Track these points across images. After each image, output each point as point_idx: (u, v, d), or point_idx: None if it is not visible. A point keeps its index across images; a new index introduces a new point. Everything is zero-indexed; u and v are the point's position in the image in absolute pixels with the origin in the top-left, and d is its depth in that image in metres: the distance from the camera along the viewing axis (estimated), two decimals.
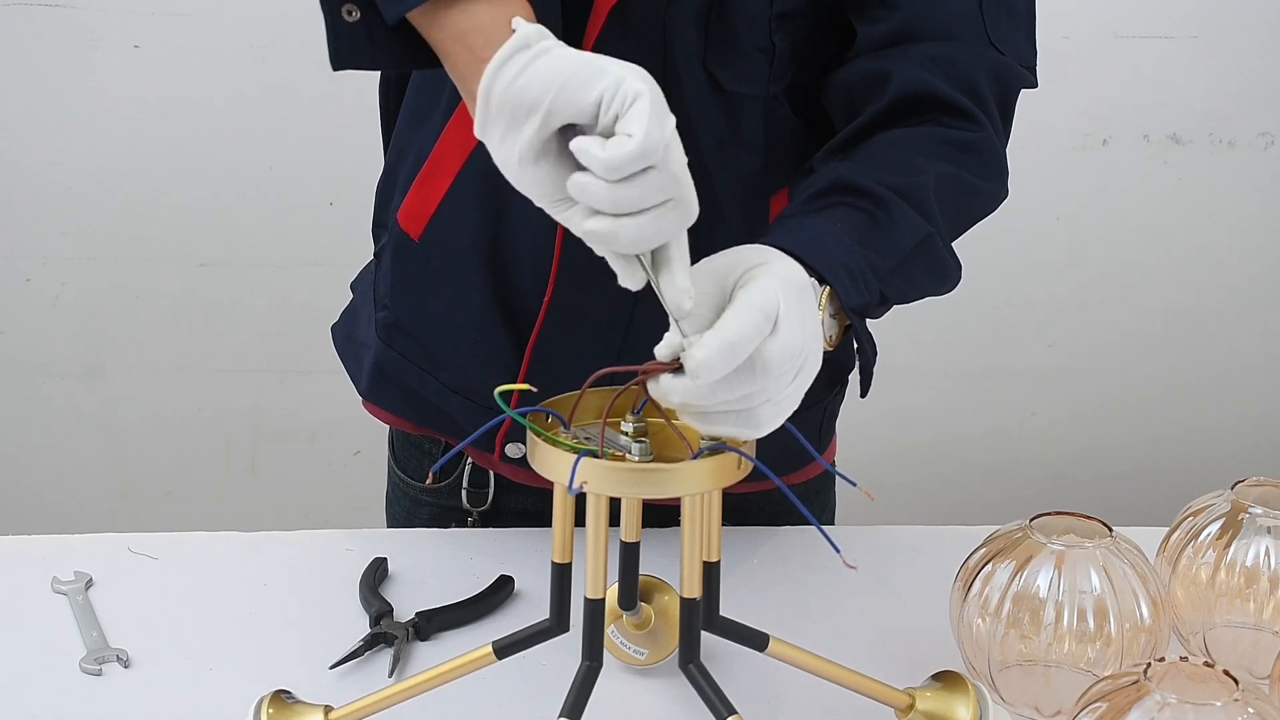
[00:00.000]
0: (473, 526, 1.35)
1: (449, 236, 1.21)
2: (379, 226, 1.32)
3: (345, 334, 1.39)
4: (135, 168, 2.40)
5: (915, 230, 1.05)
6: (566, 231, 1.16)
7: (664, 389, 0.86)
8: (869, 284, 1.01)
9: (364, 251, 1.35)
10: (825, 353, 0.94)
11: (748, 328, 0.85)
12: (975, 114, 1.12)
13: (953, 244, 1.10)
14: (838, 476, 0.96)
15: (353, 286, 1.40)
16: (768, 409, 0.88)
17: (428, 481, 0.92)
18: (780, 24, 1.13)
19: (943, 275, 1.10)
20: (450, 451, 1.20)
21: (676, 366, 0.86)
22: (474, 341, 1.23)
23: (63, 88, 2.37)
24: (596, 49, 1.07)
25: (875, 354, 1.05)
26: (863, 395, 1.08)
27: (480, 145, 0.92)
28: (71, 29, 2.34)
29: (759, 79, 1.15)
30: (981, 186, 1.13)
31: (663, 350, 0.86)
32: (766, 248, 0.93)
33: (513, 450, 1.27)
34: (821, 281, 0.97)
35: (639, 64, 0.92)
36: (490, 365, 1.22)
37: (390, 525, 1.43)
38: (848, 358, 1.34)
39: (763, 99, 1.16)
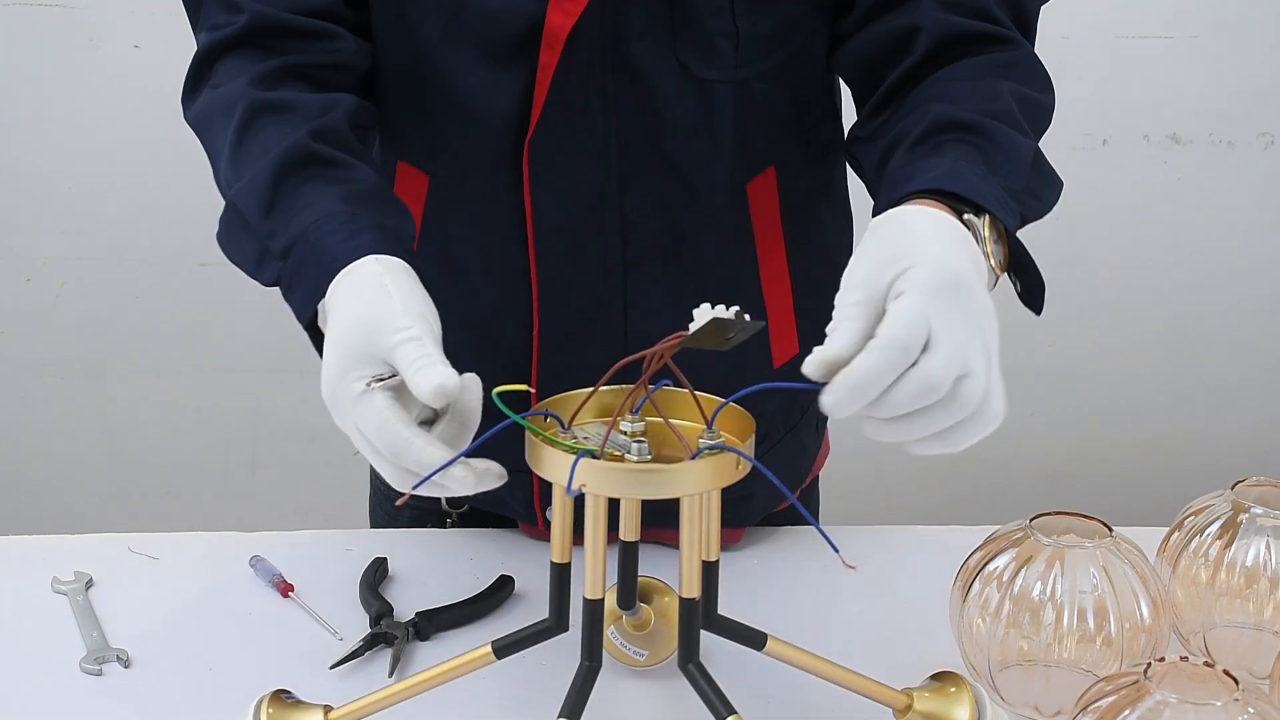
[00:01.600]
0: (451, 527, 1.35)
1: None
2: None
3: None
4: (135, 168, 2.40)
5: (1024, 148, 1.05)
6: (541, 273, 1.18)
7: (823, 401, 0.86)
8: (1011, 206, 1.01)
9: None
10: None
11: (880, 367, 0.84)
12: (1005, 35, 1.12)
13: None
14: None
15: None
16: (971, 424, 0.89)
17: (398, 503, 0.95)
18: (748, 7, 1.12)
19: (1054, 185, 1.10)
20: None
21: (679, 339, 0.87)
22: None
23: (63, 88, 2.37)
24: (557, 75, 1.11)
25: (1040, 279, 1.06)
26: (1037, 313, 1.08)
27: (426, 211, 0.98)
28: (71, 29, 2.34)
29: (726, 64, 1.14)
30: (1041, 99, 1.13)
31: (809, 367, 0.86)
32: (914, 224, 0.92)
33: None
34: (979, 212, 0.97)
35: (605, 72, 1.07)
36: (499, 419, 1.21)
37: (373, 527, 1.43)
38: None
39: (733, 84, 1.15)
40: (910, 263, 0.88)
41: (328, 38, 1.13)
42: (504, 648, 0.98)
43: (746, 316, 0.87)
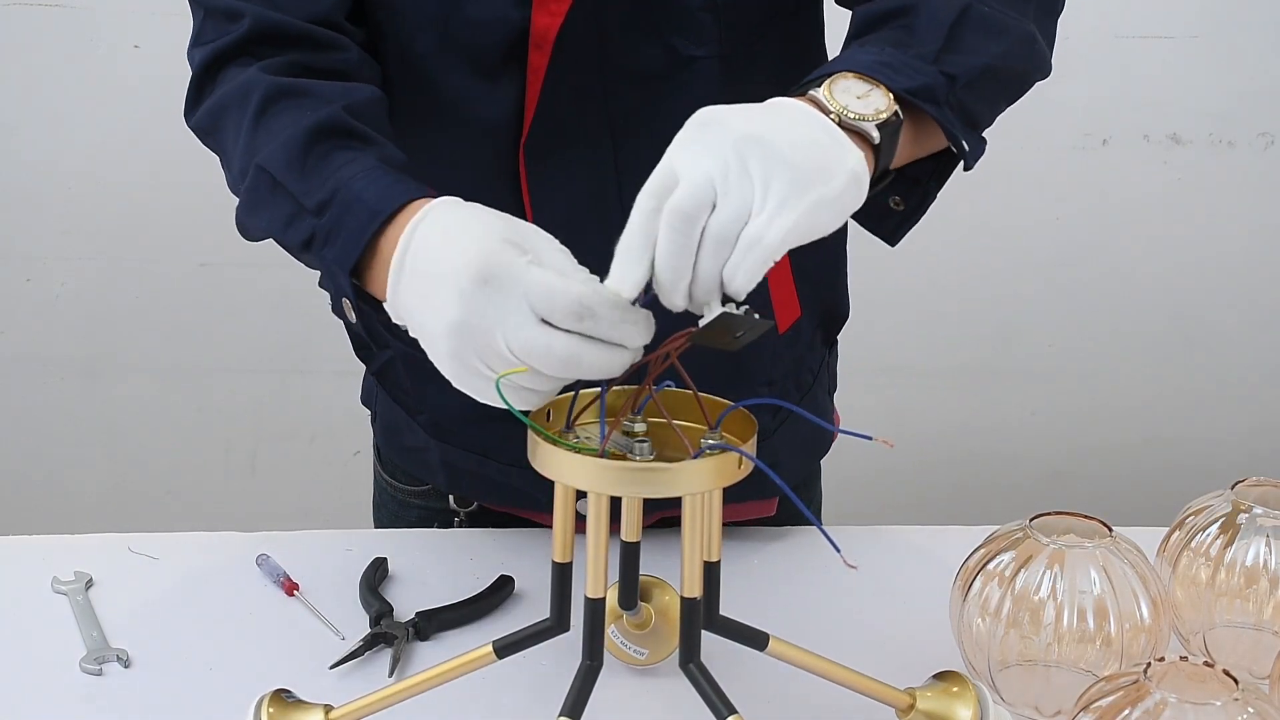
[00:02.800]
0: (459, 527, 1.35)
1: None
2: (365, 348, 1.32)
3: (398, 447, 1.36)
4: (135, 168, 2.40)
5: (949, 9, 1.01)
6: None
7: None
8: (916, 68, 0.98)
9: None
10: (884, 172, 0.95)
11: (634, 225, 0.86)
12: None
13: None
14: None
15: (366, 403, 1.39)
16: (766, 224, 0.86)
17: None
18: None
19: (1003, 34, 1.04)
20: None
21: (685, 337, 0.87)
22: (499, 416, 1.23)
23: (63, 88, 2.37)
24: (549, 76, 1.11)
25: (981, 144, 1.02)
26: (966, 168, 1.03)
27: None
28: (71, 29, 2.34)
29: (710, 38, 1.14)
30: None
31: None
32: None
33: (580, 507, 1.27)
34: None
35: (595, 67, 1.05)
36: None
37: (378, 528, 1.43)
38: (836, 313, 1.34)
39: (719, 58, 1.14)
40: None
41: (332, 47, 1.11)
42: (505, 647, 0.98)
43: (756, 315, 0.87)
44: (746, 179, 0.86)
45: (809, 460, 1.39)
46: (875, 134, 0.93)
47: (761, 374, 1.26)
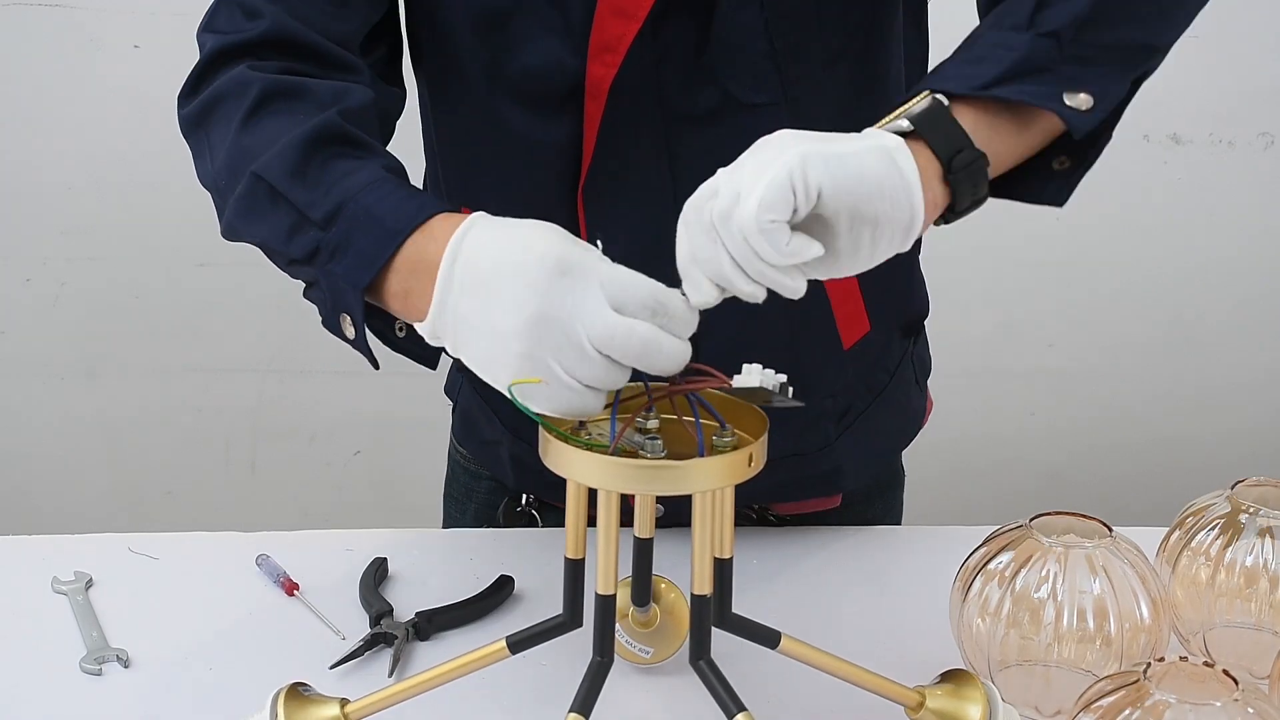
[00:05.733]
0: (529, 507, 1.35)
1: None
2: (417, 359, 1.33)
3: (476, 440, 1.37)
4: (135, 168, 2.40)
5: None
6: None
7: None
8: (1008, 43, 0.95)
9: None
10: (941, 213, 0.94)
11: (682, 251, 0.88)
12: None
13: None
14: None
15: (449, 394, 1.40)
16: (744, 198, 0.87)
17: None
18: (784, 25, 1.10)
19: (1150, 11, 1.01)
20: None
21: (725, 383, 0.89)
22: None
23: (63, 88, 2.37)
24: (604, 125, 1.10)
25: (1119, 90, 1.00)
26: (1093, 135, 1.01)
27: None
28: (71, 29, 2.34)
29: (771, 86, 1.12)
30: None
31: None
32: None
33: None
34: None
35: (653, 115, 1.06)
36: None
37: (446, 506, 1.43)
38: (913, 315, 1.33)
39: (781, 105, 1.12)
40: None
41: (347, 69, 1.09)
42: (518, 643, 0.98)
43: (790, 390, 0.89)
44: (741, 166, 0.88)
45: (877, 460, 1.37)
46: (905, 124, 0.93)
47: (825, 388, 1.25)
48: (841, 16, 1.13)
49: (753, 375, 0.88)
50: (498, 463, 1.35)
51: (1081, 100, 0.97)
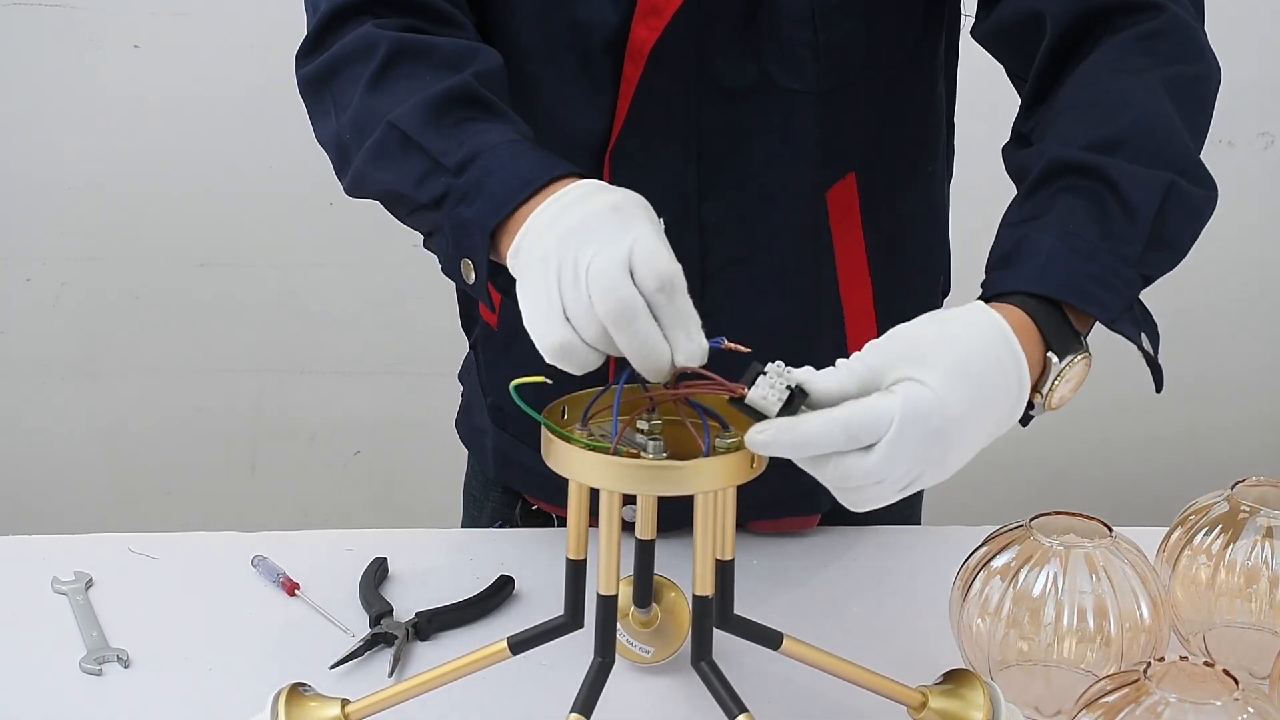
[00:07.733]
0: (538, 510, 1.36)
1: (520, 321, 1.21)
2: (468, 320, 1.34)
3: (468, 425, 1.40)
4: (135, 168, 2.40)
5: (1151, 189, 0.97)
6: None
7: (750, 438, 0.87)
8: (1126, 278, 0.97)
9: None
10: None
11: (819, 440, 0.86)
12: (1147, 1, 1.04)
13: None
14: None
15: (461, 379, 1.41)
16: (852, 495, 0.90)
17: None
18: (829, 18, 1.11)
19: (1196, 213, 1.01)
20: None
21: (740, 395, 0.87)
22: None
23: (63, 88, 2.37)
24: (640, 88, 1.10)
25: (1156, 340, 1.01)
26: (1158, 390, 1.02)
27: None
28: (71, 29, 2.34)
29: (808, 74, 1.13)
30: (1193, 72, 1.03)
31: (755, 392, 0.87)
32: (958, 338, 0.90)
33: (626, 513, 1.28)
34: (1081, 306, 0.94)
35: (687, 84, 1.06)
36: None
37: (465, 504, 1.44)
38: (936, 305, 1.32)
39: (815, 94, 1.14)
40: (922, 377, 0.87)
41: (452, 23, 1.10)
42: (519, 643, 0.98)
43: (797, 402, 0.88)
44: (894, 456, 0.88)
45: None
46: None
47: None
48: (888, 26, 1.14)
49: (761, 387, 0.87)
50: (483, 453, 1.37)
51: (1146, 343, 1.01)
